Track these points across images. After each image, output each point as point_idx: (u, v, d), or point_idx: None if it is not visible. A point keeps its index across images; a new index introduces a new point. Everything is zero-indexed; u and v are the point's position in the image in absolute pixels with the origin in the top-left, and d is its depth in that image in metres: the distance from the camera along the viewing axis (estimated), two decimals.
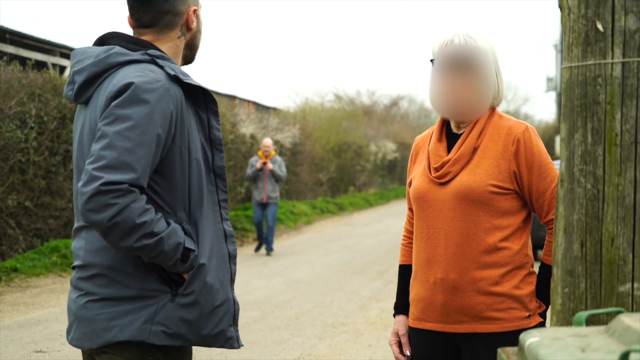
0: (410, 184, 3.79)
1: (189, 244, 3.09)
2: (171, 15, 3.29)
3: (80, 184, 2.91)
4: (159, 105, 3.00)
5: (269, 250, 18.12)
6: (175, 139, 3.09)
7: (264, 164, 17.94)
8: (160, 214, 3.03)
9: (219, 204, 3.28)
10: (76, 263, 3.23)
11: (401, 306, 3.87)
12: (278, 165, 18.14)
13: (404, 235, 3.98)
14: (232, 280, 3.33)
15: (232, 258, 3.32)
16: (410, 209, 3.90)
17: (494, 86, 3.57)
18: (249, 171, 18.17)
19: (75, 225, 3.25)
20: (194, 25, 3.34)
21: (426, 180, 3.64)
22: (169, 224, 3.04)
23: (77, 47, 3.30)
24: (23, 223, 14.11)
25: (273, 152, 18.29)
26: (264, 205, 18.21)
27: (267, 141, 18.28)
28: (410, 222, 3.94)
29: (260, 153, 18.26)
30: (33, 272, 13.19)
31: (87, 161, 2.93)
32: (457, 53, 3.53)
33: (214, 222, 3.24)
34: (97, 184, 2.86)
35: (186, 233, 3.11)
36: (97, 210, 2.86)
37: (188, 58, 3.41)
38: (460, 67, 3.52)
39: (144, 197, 2.97)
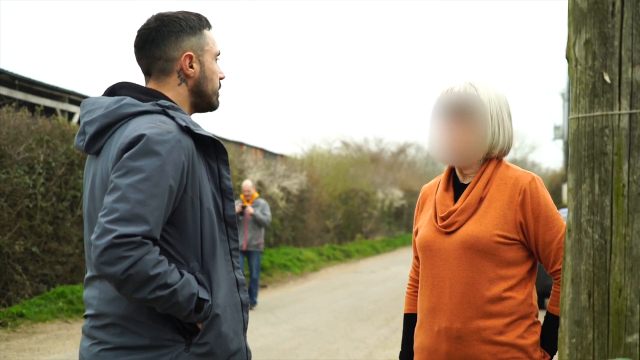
0: (416, 232, 3.81)
1: (203, 294, 3.09)
2: (163, 61, 3.28)
3: (93, 236, 2.91)
4: (171, 157, 3.01)
5: (253, 304, 16.47)
6: (187, 190, 3.09)
7: (244, 207, 16.32)
8: (173, 265, 3.03)
9: (230, 252, 3.28)
10: (89, 312, 3.22)
11: (406, 355, 3.87)
12: (261, 209, 16.55)
13: (409, 284, 3.99)
14: (245, 329, 3.33)
15: (244, 307, 3.32)
16: (417, 257, 3.91)
17: (492, 136, 3.59)
18: None
19: (88, 274, 3.24)
20: (192, 71, 3.30)
21: (432, 229, 3.66)
22: (182, 275, 3.04)
23: (88, 97, 3.29)
24: (30, 269, 14.09)
25: (256, 195, 16.75)
26: (244, 254, 16.59)
27: (247, 184, 16.68)
28: (415, 270, 3.96)
29: (242, 197, 16.67)
30: (39, 317, 13.16)
31: (100, 214, 2.94)
32: (453, 101, 3.57)
33: (227, 271, 3.24)
34: (110, 237, 2.86)
35: (199, 283, 3.11)
36: (111, 263, 2.86)
37: (201, 105, 3.39)
38: (455, 114, 3.56)
39: (157, 248, 2.97)
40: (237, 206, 16.23)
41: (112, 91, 3.31)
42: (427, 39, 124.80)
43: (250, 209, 16.32)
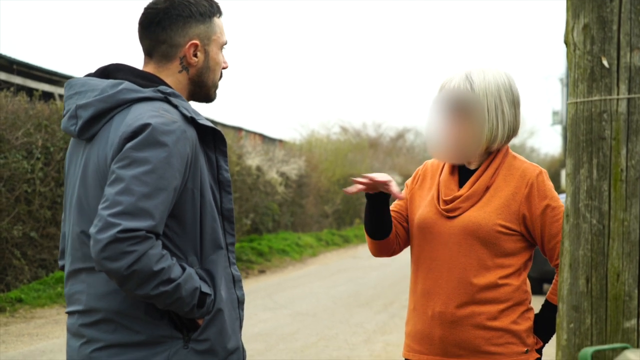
0: (407, 201, 3.78)
1: (205, 289, 2.96)
2: (167, 46, 3.12)
3: (93, 230, 2.77)
4: (177, 148, 2.88)
5: None
6: (188, 182, 2.97)
7: None
8: (174, 259, 2.90)
9: (227, 247, 3.15)
10: (75, 308, 3.06)
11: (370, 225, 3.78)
12: None
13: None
14: (241, 327, 3.23)
15: (240, 304, 3.22)
16: (394, 211, 3.82)
17: (490, 131, 3.55)
18: None
19: (70, 267, 3.08)
20: (195, 60, 3.14)
21: (433, 210, 3.65)
22: (184, 269, 2.91)
23: (75, 77, 3.13)
24: (28, 254, 14.10)
25: None
26: None
27: None
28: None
29: None
30: (38, 302, 13.17)
31: (101, 206, 2.80)
32: (448, 98, 3.54)
33: (224, 267, 3.12)
34: (114, 231, 2.73)
35: (200, 277, 2.98)
36: (114, 259, 2.73)
37: (198, 95, 3.23)
38: (450, 112, 3.54)
39: (160, 242, 2.85)
40: None
41: (104, 72, 3.14)
42: (426, 24, 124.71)
43: None
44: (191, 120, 3.00)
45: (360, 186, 3.58)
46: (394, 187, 3.59)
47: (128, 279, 2.78)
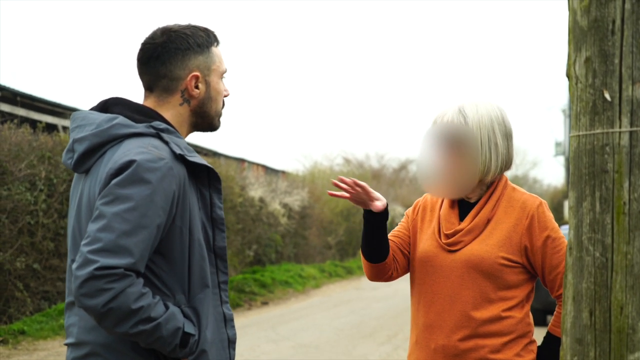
0: (409, 230, 3.78)
1: (189, 329, 2.93)
2: (168, 80, 3.11)
3: (74, 266, 2.78)
4: (161, 186, 2.86)
5: None
6: (176, 220, 2.94)
7: None
8: (158, 297, 2.87)
9: (219, 285, 3.11)
10: (69, 341, 3.05)
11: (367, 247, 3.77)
12: None
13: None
14: None
15: (231, 343, 3.15)
16: (395, 236, 3.83)
17: (484, 164, 3.54)
18: None
19: (67, 298, 3.08)
20: (197, 92, 3.13)
21: (435, 244, 3.65)
22: (167, 308, 2.89)
23: (79, 110, 3.12)
24: (31, 285, 14.08)
25: None
26: None
27: None
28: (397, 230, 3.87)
29: None
30: (40, 335, 13.14)
31: (83, 242, 2.80)
32: (441, 132, 3.54)
33: (214, 305, 3.08)
34: (91, 268, 2.72)
35: (185, 316, 2.95)
36: (91, 296, 2.73)
37: (201, 126, 3.22)
38: (443, 146, 3.53)
39: (141, 280, 2.83)
40: None
41: (104, 106, 3.13)
42: (429, 55, 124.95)
43: None
44: (181, 158, 2.98)
45: (344, 192, 3.65)
46: (376, 204, 3.68)
47: (105, 316, 2.76)
